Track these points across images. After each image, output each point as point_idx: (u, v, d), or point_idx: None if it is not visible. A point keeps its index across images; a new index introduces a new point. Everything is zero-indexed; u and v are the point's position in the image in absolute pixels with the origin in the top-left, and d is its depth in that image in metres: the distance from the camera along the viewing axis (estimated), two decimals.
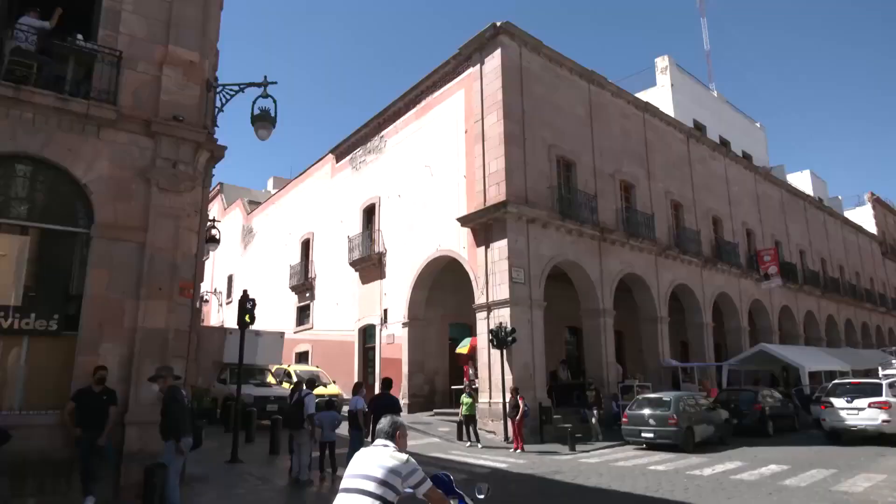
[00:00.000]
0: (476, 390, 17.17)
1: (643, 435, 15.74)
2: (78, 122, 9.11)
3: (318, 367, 23.13)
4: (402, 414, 11.55)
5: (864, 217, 49.71)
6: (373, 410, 10.56)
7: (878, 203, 51.50)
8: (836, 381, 18.72)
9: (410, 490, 3.72)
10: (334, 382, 22.23)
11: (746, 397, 19.39)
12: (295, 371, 20.98)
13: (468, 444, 15.86)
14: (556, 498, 10.00)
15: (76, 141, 9.12)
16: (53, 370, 8.79)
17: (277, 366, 22.85)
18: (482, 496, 4.41)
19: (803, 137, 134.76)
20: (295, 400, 11.39)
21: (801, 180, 47.94)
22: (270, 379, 20.33)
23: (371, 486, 3.53)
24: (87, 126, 9.19)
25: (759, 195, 33.47)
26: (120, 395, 8.59)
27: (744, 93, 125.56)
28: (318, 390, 18.27)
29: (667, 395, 16.57)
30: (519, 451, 15.12)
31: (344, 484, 3.66)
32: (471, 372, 20.11)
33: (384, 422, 3.98)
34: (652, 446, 15.68)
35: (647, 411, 15.91)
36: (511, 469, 12.81)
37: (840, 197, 53.43)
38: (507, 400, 16.29)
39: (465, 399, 16.42)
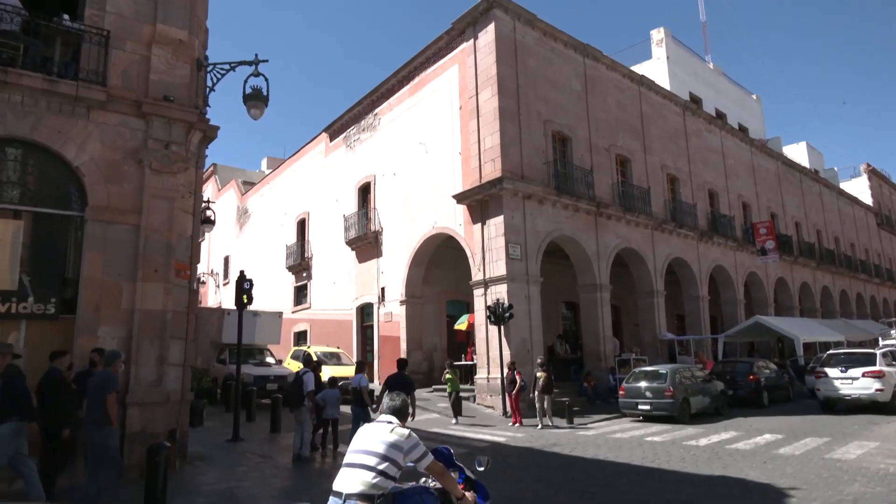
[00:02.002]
0: (455, 368, 17.11)
1: (640, 407, 15.93)
2: (67, 104, 9.01)
3: (338, 347, 23.21)
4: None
5: (859, 188, 49.75)
6: (388, 388, 10.54)
7: (873, 174, 51.52)
8: (830, 351, 18.91)
9: (412, 464, 3.77)
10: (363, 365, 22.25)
11: (742, 369, 19.61)
12: (315, 352, 21.06)
13: (453, 421, 15.84)
14: (554, 470, 10.15)
15: (66, 123, 9.03)
16: None
17: (297, 348, 23.04)
18: (482, 468, 4.48)
19: (800, 110, 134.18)
20: (294, 379, 11.66)
21: (797, 152, 47.87)
22: (269, 359, 20.45)
23: (373, 461, 3.58)
24: (76, 108, 9.09)
25: (755, 167, 33.43)
26: (120, 376, 8.60)
27: (740, 65, 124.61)
28: (338, 370, 18.63)
29: (663, 368, 16.75)
30: (517, 425, 15.29)
31: (347, 459, 3.71)
32: (473, 351, 20.23)
33: (388, 399, 4.03)
34: (649, 418, 15.88)
35: (643, 384, 16.08)
36: (510, 443, 12.97)
37: (836, 169, 53.41)
38: (505, 375, 16.40)
39: (447, 376, 16.46)
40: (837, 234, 41.18)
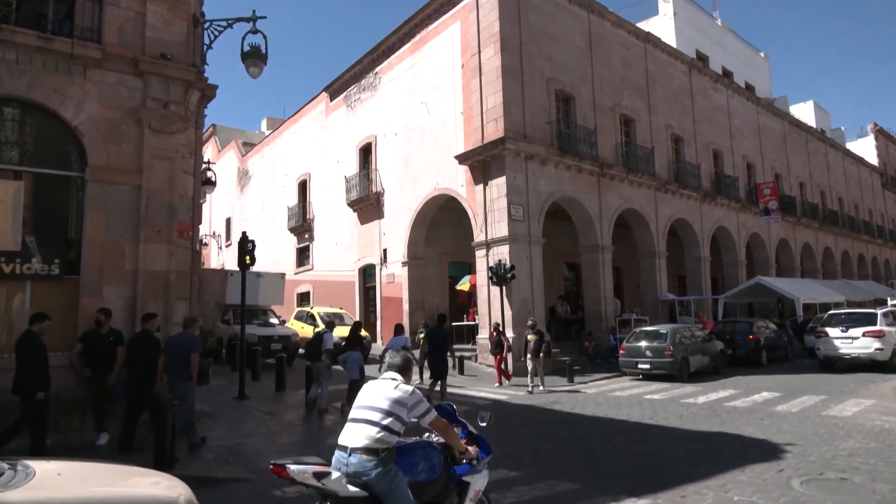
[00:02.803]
0: (442, 319, 17.00)
1: (640, 366, 16.13)
2: (63, 62, 8.86)
3: (341, 308, 23.39)
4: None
5: (865, 148, 49.20)
6: (429, 341, 12.45)
7: (880, 133, 50.87)
8: (832, 311, 19.06)
9: (416, 420, 3.84)
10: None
11: (742, 329, 19.78)
12: (319, 313, 21.29)
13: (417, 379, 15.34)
14: (554, 426, 10.34)
15: (63, 82, 8.90)
16: (58, 313, 8.86)
17: (300, 309, 23.23)
18: (484, 424, 4.57)
19: (808, 67, 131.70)
20: (314, 336, 12.58)
21: (803, 111, 47.19)
22: (273, 319, 20.62)
23: (378, 417, 3.65)
24: (72, 66, 8.94)
25: (760, 127, 33.02)
26: (126, 336, 8.72)
27: (749, 21, 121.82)
28: (341, 331, 18.86)
29: (663, 328, 16.89)
30: (500, 384, 15.40)
31: (352, 415, 3.77)
32: (475, 311, 20.36)
33: (392, 357, 4.07)
34: (648, 377, 16.09)
35: (643, 343, 16.24)
36: (511, 400, 13.19)
37: (843, 128, 52.77)
38: (490, 337, 16.33)
39: (420, 336, 16.45)
40: (842, 194, 40.94)
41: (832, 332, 16.82)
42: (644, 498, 5.98)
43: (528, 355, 14.89)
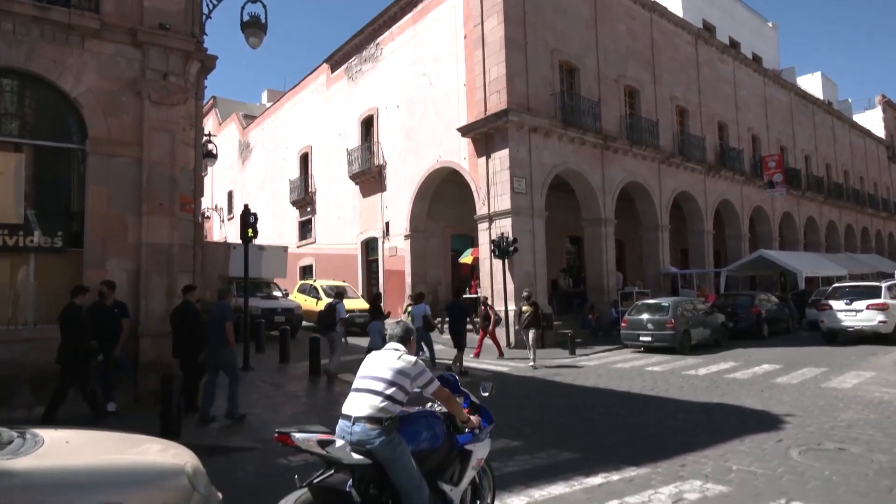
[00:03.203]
0: (422, 296, 16.82)
1: (641, 339, 16.21)
2: (61, 32, 8.75)
3: (343, 281, 23.48)
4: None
5: (873, 121, 48.63)
6: (448, 312, 12.98)
7: (888, 105, 50.22)
8: (836, 284, 19.10)
9: (419, 390, 3.87)
10: (362, 297, 22.58)
11: (743, 302, 19.82)
12: (321, 286, 21.38)
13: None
14: (555, 397, 10.44)
15: (61, 52, 8.80)
16: (63, 286, 8.92)
17: (303, 282, 23.37)
18: (486, 394, 4.61)
19: (817, 38, 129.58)
20: (328, 306, 13.18)
21: (811, 83, 46.54)
22: (277, 292, 20.72)
23: (381, 387, 3.67)
24: (70, 36, 8.84)
25: (767, 99, 32.63)
26: (131, 308, 8.78)
27: None
28: (350, 303, 19.25)
29: (665, 301, 16.94)
30: (477, 356, 15.11)
31: (356, 384, 3.80)
32: (477, 285, 20.37)
33: (396, 327, 4.08)
34: (649, 349, 16.19)
35: (645, 316, 16.30)
36: (512, 372, 13.30)
37: (850, 100, 52.02)
38: (478, 311, 16.17)
39: (407, 309, 16.22)
40: (847, 167, 40.63)
41: (836, 304, 16.87)
42: (644, 467, 6.06)
43: (522, 327, 14.61)
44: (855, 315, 16.41)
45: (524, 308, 14.80)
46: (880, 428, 7.41)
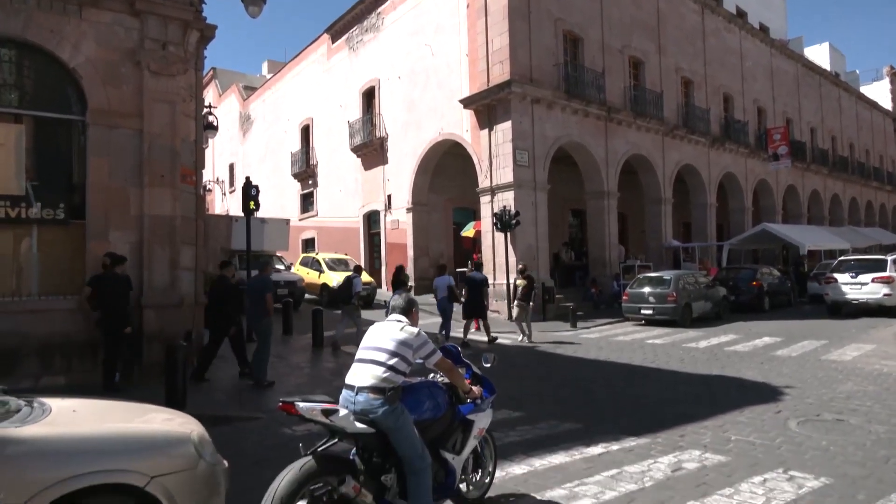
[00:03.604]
0: (401, 270, 16.69)
1: (642, 312, 16.27)
2: (58, 1, 8.62)
3: (346, 254, 23.50)
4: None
5: (880, 92, 48.04)
6: (466, 284, 13.38)
7: None
8: (841, 258, 19.16)
9: (421, 361, 3.90)
10: (364, 270, 22.53)
11: (745, 275, 19.85)
12: (323, 259, 21.40)
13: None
14: (556, 369, 10.53)
15: (58, 21, 8.67)
16: (66, 257, 8.97)
17: (305, 255, 23.41)
18: (488, 365, 4.65)
19: (826, 7, 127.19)
20: (346, 280, 13.70)
21: (818, 53, 45.85)
22: (279, 265, 20.74)
23: (384, 357, 3.70)
24: (67, 5, 8.70)
25: (773, 70, 32.18)
26: (134, 280, 8.81)
27: None
28: (346, 276, 19.39)
29: (667, 274, 16.96)
30: (477, 328, 14.78)
31: (359, 355, 3.83)
32: (479, 258, 20.35)
33: (399, 299, 4.10)
34: (650, 322, 16.26)
35: (647, 289, 16.34)
36: (513, 344, 13.38)
37: (857, 71, 51.35)
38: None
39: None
40: (853, 139, 40.25)
41: (841, 277, 17.00)
42: (643, 437, 6.14)
43: (515, 301, 14.31)
44: (860, 288, 16.53)
45: (518, 282, 14.52)
46: (879, 399, 7.48)
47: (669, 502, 4.43)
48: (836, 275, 17.24)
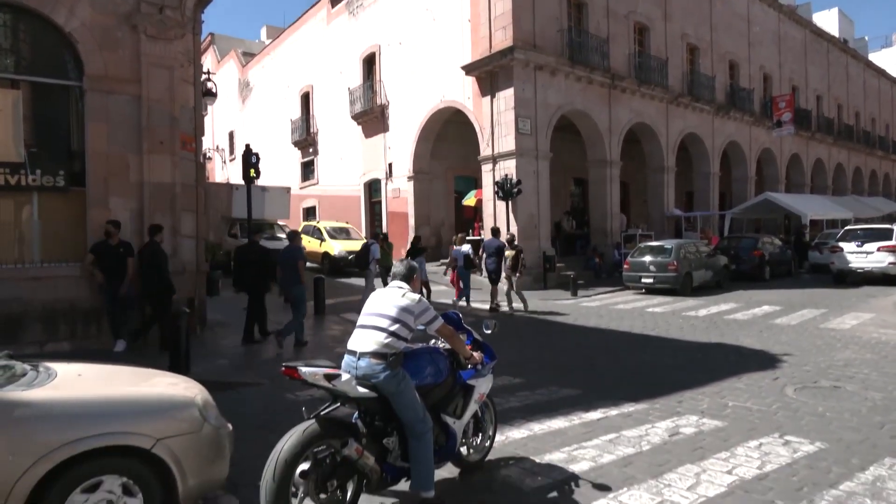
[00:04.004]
0: (389, 242, 16.28)
1: (643, 280, 16.31)
2: None
3: (347, 222, 23.48)
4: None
5: (889, 60, 47.37)
6: (485, 251, 13.74)
7: None
8: (848, 226, 19.32)
9: (422, 327, 3.92)
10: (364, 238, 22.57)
11: (747, 244, 19.84)
12: (325, 227, 21.40)
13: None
14: (557, 337, 10.61)
15: None
16: (67, 224, 8.97)
17: (306, 223, 23.41)
18: (489, 331, 4.68)
19: None
20: (364, 247, 14.72)
21: (827, 20, 45.07)
22: (280, 234, 20.74)
23: (386, 323, 3.72)
24: None
25: (781, 36, 31.62)
26: (136, 247, 8.83)
27: None
28: (348, 244, 20.01)
29: (668, 243, 16.95)
30: (458, 299, 14.54)
31: (361, 321, 3.85)
32: (480, 226, 20.32)
33: (399, 266, 4.10)
34: (651, 291, 16.32)
35: (648, 258, 16.36)
36: (514, 312, 13.44)
37: (866, 38, 50.59)
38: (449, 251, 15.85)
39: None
40: (859, 108, 39.78)
41: (847, 246, 17.15)
42: (642, 403, 6.21)
43: (504, 271, 13.79)
44: (865, 257, 16.68)
45: (507, 252, 13.91)
46: (876, 367, 7.54)
47: (666, 466, 4.51)
48: (841, 244, 17.36)
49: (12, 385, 3.22)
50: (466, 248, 14.36)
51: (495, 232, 14.67)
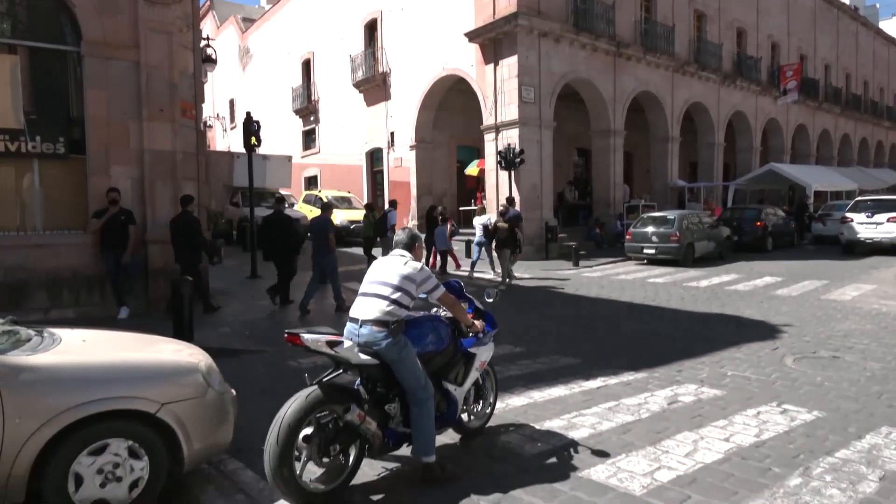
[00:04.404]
0: (374, 211, 16.44)
1: (645, 251, 16.31)
2: None
3: (349, 192, 23.38)
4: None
5: None
6: (505, 221, 13.47)
7: None
8: (858, 198, 19.45)
9: (424, 295, 3.93)
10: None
11: (749, 215, 19.76)
12: (326, 197, 21.28)
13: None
14: (558, 306, 10.66)
15: None
16: (68, 192, 8.95)
17: (308, 192, 23.32)
18: (491, 300, 4.69)
19: None
20: (382, 214, 15.28)
21: None
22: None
23: (388, 291, 3.73)
24: None
25: (790, 3, 30.98)
26: (137, 215, 8.83)
27: None
28: (350, 214, 20.25)
29: (671, 214, 16.89)
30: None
31: (363, 289, 3.86)
32: (482, 196, 20.25)
33: (402, 234, 4.09)
34: (653, 262, 16.32)
35: (650, 229, 16.32)
36: (515, 282, 13.48)
37: (877, 5, 49.54)
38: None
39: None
40: (868, 78, 39.18)
41: (857, 217, 17.29)
42: (641, 372, 6.26)
43: (494, 246, 13.56)
44: (875, 227, 16.87)
45: (499, 224, 13.33)
46: (875, 338, 7.58)
47: (664, 433, 4.56)
48: (851, 214, 17.55)
49: (17, 350, 3.25)
50: (487, 218, 14.70)
51: (511, 202, 15.12)
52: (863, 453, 4.13)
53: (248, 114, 13.68)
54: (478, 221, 14.74)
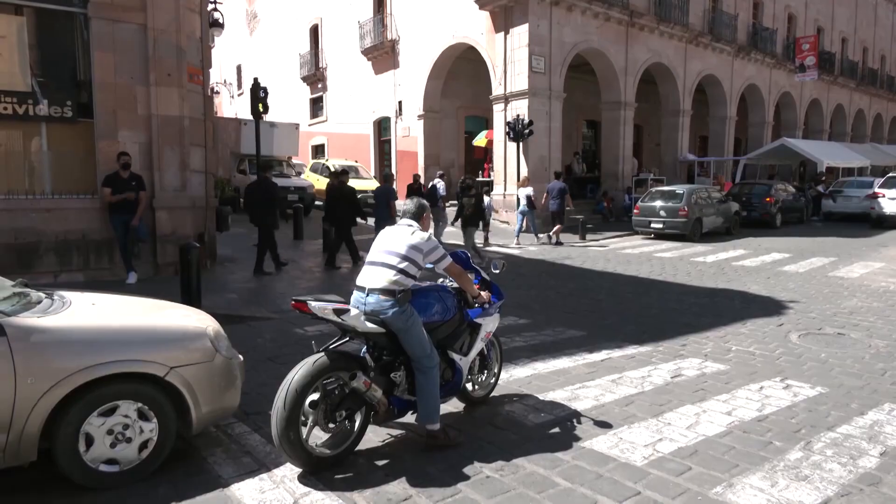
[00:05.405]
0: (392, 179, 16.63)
1: (652, 225, 16.24)
2: None
3: (356, 161, 23.25)
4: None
5: None
6: (548, 193, 15.16)
7: None
8: (891, 174, 19.93)
9: (431, 265, 3.94)
10: (374, 178, 22.38)
11: (759, 191, 19.60)
12: (334, 165, 21.17)
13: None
14: (564, 279, 10.66)
15: None
16: (76, 156, 8.95)
17: (315, 161, 23.17)
18: (497, 271, 4.70)
19: None
20: (431, 186, 15.20)
21: None
22: (289, 170, 20.64)
23: (394, 261, 3.74)
24: None
25: None
26: (146, 180, 8.83)
27: None
28: (357, 183, 19.53)
29: (680, 188, 16.76)
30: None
31: (370, 258, 3.87)
32: (490, 168, 20.13)
33: (409, 204, 4.08)
34: (660, 236, 16.26)
35: (658, 203, 16.22)
36: (522, 254, 13.50)
37: None
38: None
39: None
40: (885, 52, 38.35)
41: (889, 192, 17.91)
42: (646, 345, 6.29)
43: (459, 223, 12.87)
44: None
45: (464, 200, 12.47)
46: (882, 315, 7.56)
47: (667, 406, 4.60)
48: (882, 190, 18.08)
49: (28, 312, 3.29)
50: (530, 189, 15.36)
51: (558, 175, 16.11)
52: (864, 429, 4.15)
53: (256, 80, 13.59)
54: (522, 192, 15.40)
